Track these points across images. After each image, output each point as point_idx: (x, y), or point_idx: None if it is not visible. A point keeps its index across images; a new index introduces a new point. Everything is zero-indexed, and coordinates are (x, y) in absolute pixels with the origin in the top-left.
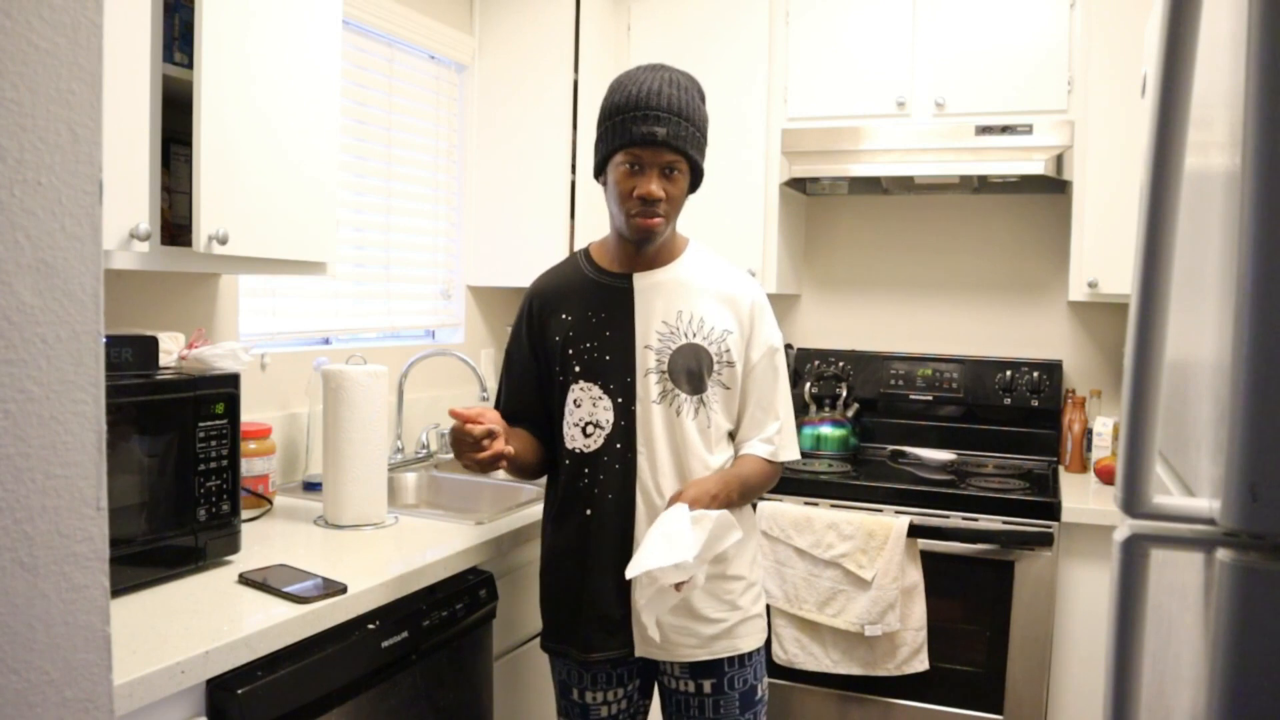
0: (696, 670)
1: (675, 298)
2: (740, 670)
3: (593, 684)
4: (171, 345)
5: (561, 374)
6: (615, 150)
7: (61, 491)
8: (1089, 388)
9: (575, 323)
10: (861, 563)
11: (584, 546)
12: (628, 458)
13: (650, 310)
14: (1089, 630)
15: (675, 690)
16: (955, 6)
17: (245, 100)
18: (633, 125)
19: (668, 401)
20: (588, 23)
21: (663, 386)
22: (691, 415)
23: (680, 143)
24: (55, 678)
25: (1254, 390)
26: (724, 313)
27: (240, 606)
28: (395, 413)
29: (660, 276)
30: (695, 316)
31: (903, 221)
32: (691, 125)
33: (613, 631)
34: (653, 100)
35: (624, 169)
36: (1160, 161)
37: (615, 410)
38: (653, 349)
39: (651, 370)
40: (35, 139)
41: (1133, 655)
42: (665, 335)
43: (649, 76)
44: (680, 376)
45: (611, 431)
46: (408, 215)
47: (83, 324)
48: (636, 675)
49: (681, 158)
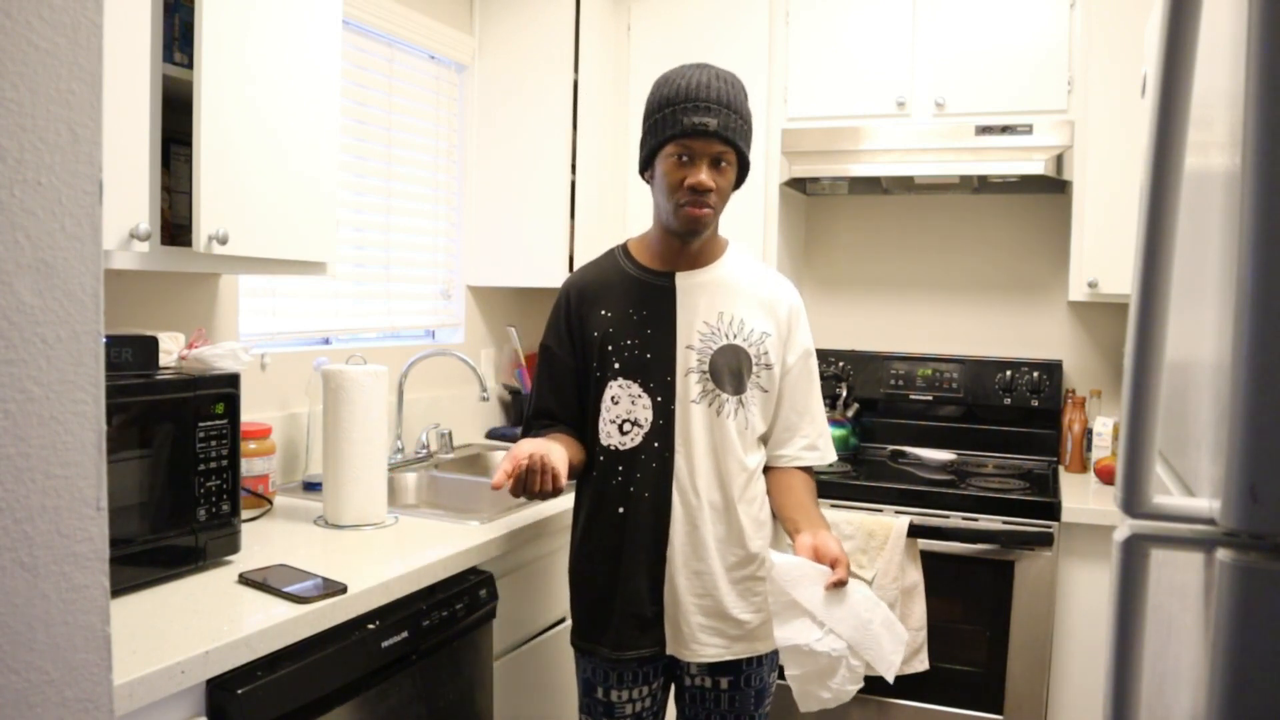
0: (715, 668)
1: (717, 298)
2: (757, 669)
3: (619, 682)
4: (171, 345)
5: (599, 370)
6: (665, 141)
7: (61, 491)
8: (1089, 388)
9: (615, 319)
10: (861, 563)
11: (618, 545)
12: (665, 457)
13: (693, 310)
14: (1089, 630)
15: (693, 685)
16: (955, 6)
17: (245, 100)
18: (684, 116)
19: (708, 401)
20: (588, 23)
21: (703, 386)
22: (732, 415)
23: (730, 134)
24: (55, 678)
25: (1254, 390)
26: (763, 316)
27: (240, 606)
28: (395, 413)
29: (703, 277)
30: (736, 318)
31: (903, 221)
32: (740, 118)
33: (645, 629)
34: (703, 93)
35: (674, 160)
36: (1160, 161)
37: (654, 409)
38: (694, 349)
39: (693, 370)
40: (35, 139)
41: (1133, 655)
42: (707, 335)
43: (697, 72)
44: (723, 376)
45: (650, 430)
46: (408, 215)
47: (83, 324)
48: (660, 674)
49: (731, 149)
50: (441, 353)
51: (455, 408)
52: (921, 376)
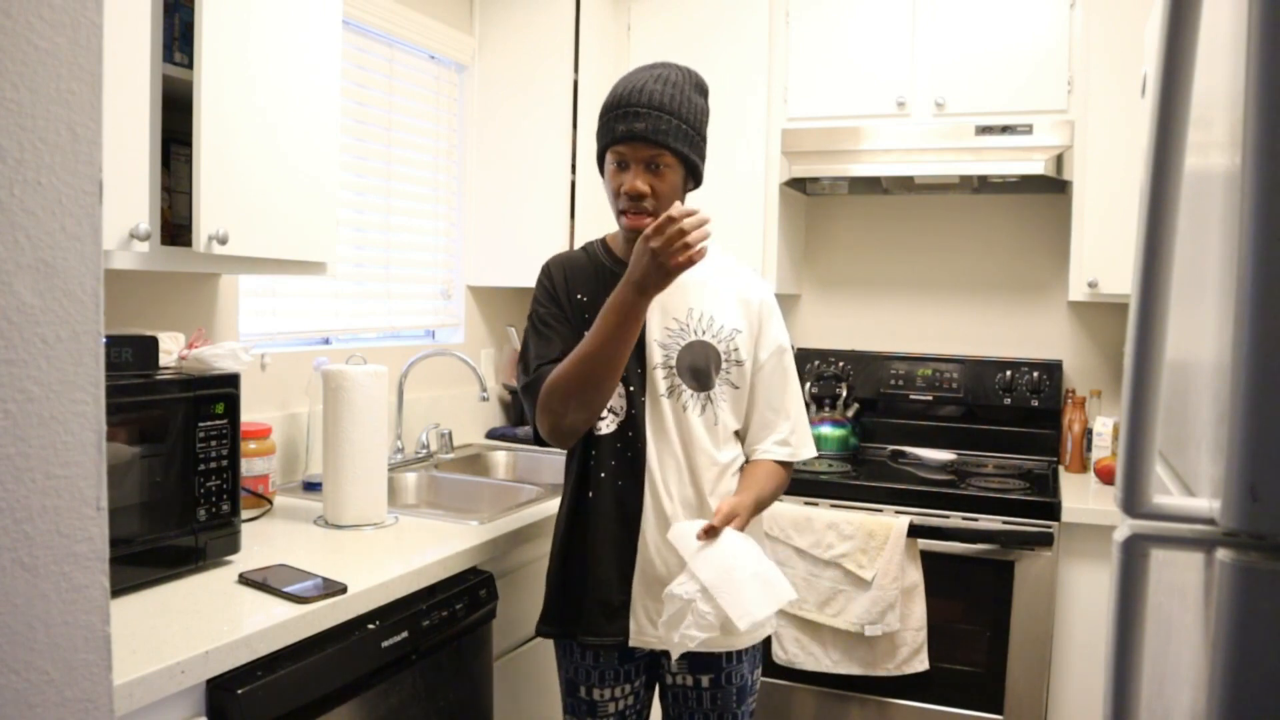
0: (695, 665)
1: (686, 295)
2: (737, 666)
3: (600, 680)
4: (171, 345)
5: None
6: (603, 150)
7: (61, 491)
8: (1089, 388)
9: (590, 304)
10: (861, 563)
11: (587, 531)
12: (637, 447)
13: (659, 307)
14: (1089, 630)
15: (674, 684)
16: (955, 7)
17: (245, 100)
18: (615, 123)
19: (674, 397)
20: (588, 23)
21: (670, 382)
22: (698, 412)
23: (660, 136)
24: (55, 678)
25: (1254, 390)
26: (733, 312)
27: (240, 606)
28: (395, 413)
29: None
30: (705, 314)
31: (903, 221)
32: (676, 119)
33: (611, 618)
34: (634, 97)
35: (612, 167)
36: (1160, 161)
37: (627, 398)
38: (663, 345)
39: (659, 365)
40: (35, 139)
41: (1133, 655)
42: (674, 332)
43: (639, 75)
44: (685, 373)
45: (624, 419)
46: (408, 215)
47: (83, 324)
48: (643, 671)
49: (665, 151)
50: (441, 353)
51: (455, 408)
52: (921, 376)
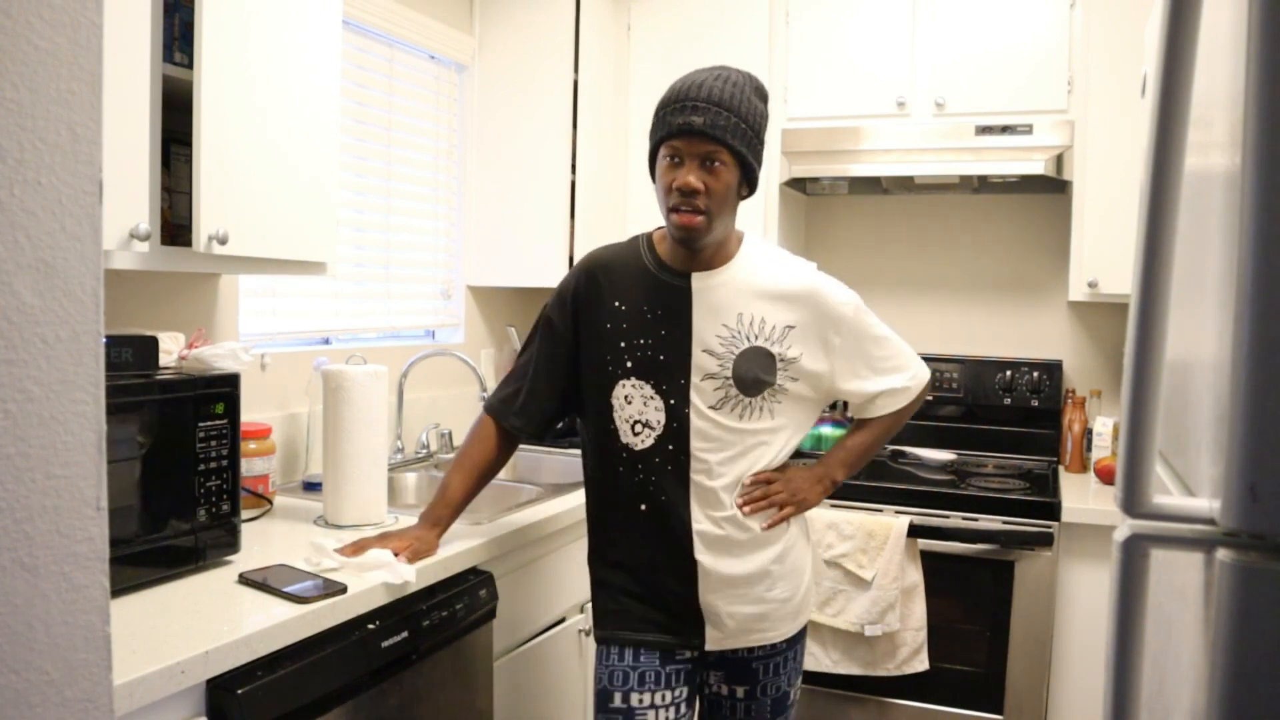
0: (732, 677)
1: (734, 300)
2: (774, 678)
3: (639, 684)
4: (171, 345)
5: (611, 365)
6: (657, 145)
7: (61, 491)
8: (1089, 388)
9: (629, 314)
10: (861, 563)
11: (642, 541)
12: (680, 460)
13: (709, 313)
14: (1089, 630)
15: (710, 694)
16: (955, 7)
17: (245, 100)
18: (672, 117)
19: (730, 405)
20: (588, 23)
21: (725, 391)
22: (755, 417)
23: (718, 131)
24: (55, 678)
25: (1254, 390)
26: (781, 308)
27: (240, 606)
28: (395, 413)
29: (719, 278)
30: (755, 318)
31: (903, 221)
32: (734, 116)
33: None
34: (693, 92)
35: (666, 162)
36: (1160, 161)
37: (667, 412)
38: (714, 354)
39: (713, 375)
40: (35, 139)
41: (1133, 655)
42: (727, 340)
43: (699, 73)
44: (745, 380)
45: (663, 433)
46: (408, 215)
47: (83, 324)
48: (684, 680)
49: (721, 148)
50: (441, 353)
51: (455, 408)
52: None
